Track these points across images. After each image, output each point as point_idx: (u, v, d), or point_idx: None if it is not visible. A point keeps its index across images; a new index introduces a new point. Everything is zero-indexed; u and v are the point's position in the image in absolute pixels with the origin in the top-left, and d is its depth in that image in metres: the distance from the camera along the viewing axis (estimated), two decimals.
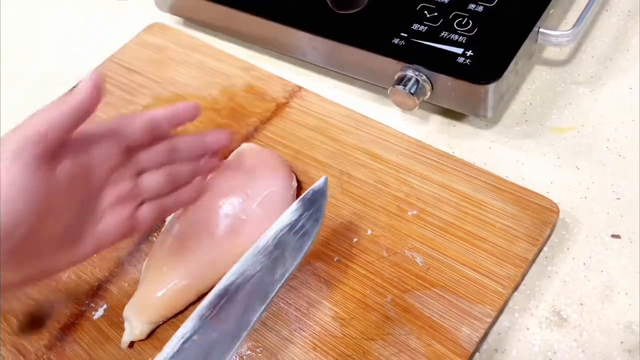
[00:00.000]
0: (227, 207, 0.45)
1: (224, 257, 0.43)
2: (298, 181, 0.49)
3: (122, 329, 0.42)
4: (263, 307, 0.36)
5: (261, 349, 0.41)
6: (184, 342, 0.35)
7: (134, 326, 0.42)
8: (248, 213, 0.45)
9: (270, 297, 0.36)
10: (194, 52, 0.62)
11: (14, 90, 0.67)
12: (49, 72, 0.67)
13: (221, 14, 0.60)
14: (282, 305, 0.43)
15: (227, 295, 0.36)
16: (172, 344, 0.35)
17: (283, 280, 0.36)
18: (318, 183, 0.39)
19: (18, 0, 0.77)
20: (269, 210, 0.45)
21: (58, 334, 0.45)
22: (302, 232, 0.37)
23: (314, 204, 0.38)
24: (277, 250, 0.36)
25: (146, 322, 0.42)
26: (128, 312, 0.43)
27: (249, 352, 0.41)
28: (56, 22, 0.74)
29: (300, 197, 0.39)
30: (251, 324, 0.35)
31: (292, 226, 0.37)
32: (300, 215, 0.38)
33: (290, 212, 0.38)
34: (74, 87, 0.61)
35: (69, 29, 0.72)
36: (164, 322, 0.43)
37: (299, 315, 0.42)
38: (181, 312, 0.43)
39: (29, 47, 0.72)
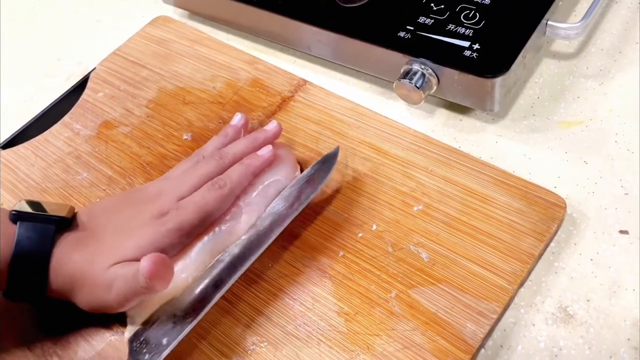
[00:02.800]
0: None
1: (224, 247, 0.44)
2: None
3: (125, 324, 0.42)
4: (280, 229, 0.44)
5: (265, 343, 0.41)
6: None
7: (137, 321, 0.42)
8: (246, 201, 0.45)
9: (286, 222, 0.45)
10: (199, 46, 0.62)
11: (17, 84, 0.67)
12: (54, 66, 0.67)
13: (226, 7, 0.60)
14: (287, 300, 0.43)
15: (256, 227, 0.45)
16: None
17: (297, 212, 0.45)
18: (332, 150, 0.48)
19: None
20: (267, 199, 0.45)
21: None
22: (313, 181, 0.47)
23: (326, 163, 0.47)
24: (296, 193, 0.46)
25: (148, 316, 0.42)
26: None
27: (253, 346, 0.41)
28: (61, 16, 0.74)
29: (316, 161, 0.48)
30: (271, 239, 0.44)
31: (308, 178, 0.47)
32: (314, 171, 0.47)
33: (309, 169, 0.47)
34: (78, 82, 0.62)
35: (74, 23, 0.72)
36: None
37: (303, 310, 0.42)
38: None
39: (33, 41, 0.72)
